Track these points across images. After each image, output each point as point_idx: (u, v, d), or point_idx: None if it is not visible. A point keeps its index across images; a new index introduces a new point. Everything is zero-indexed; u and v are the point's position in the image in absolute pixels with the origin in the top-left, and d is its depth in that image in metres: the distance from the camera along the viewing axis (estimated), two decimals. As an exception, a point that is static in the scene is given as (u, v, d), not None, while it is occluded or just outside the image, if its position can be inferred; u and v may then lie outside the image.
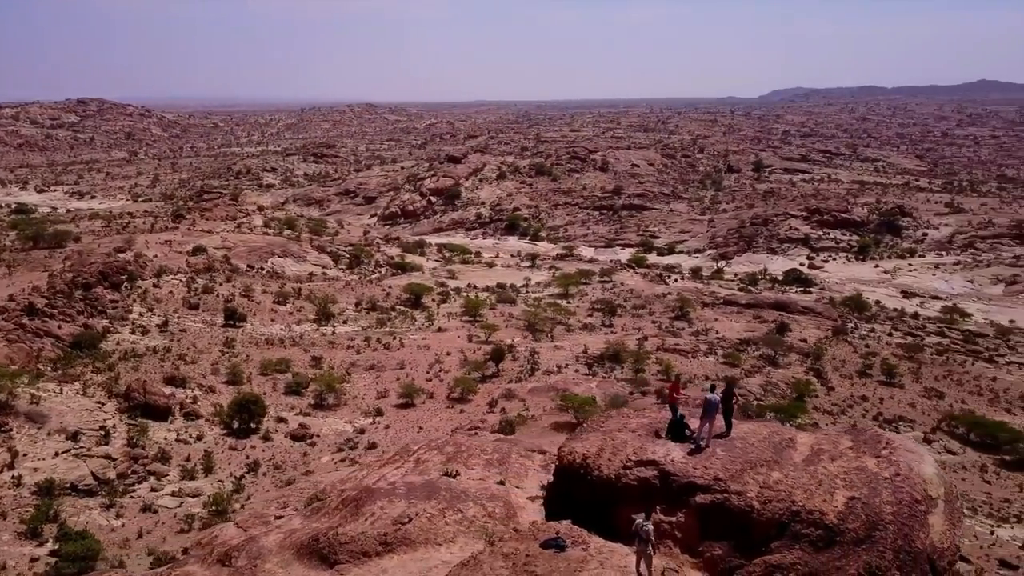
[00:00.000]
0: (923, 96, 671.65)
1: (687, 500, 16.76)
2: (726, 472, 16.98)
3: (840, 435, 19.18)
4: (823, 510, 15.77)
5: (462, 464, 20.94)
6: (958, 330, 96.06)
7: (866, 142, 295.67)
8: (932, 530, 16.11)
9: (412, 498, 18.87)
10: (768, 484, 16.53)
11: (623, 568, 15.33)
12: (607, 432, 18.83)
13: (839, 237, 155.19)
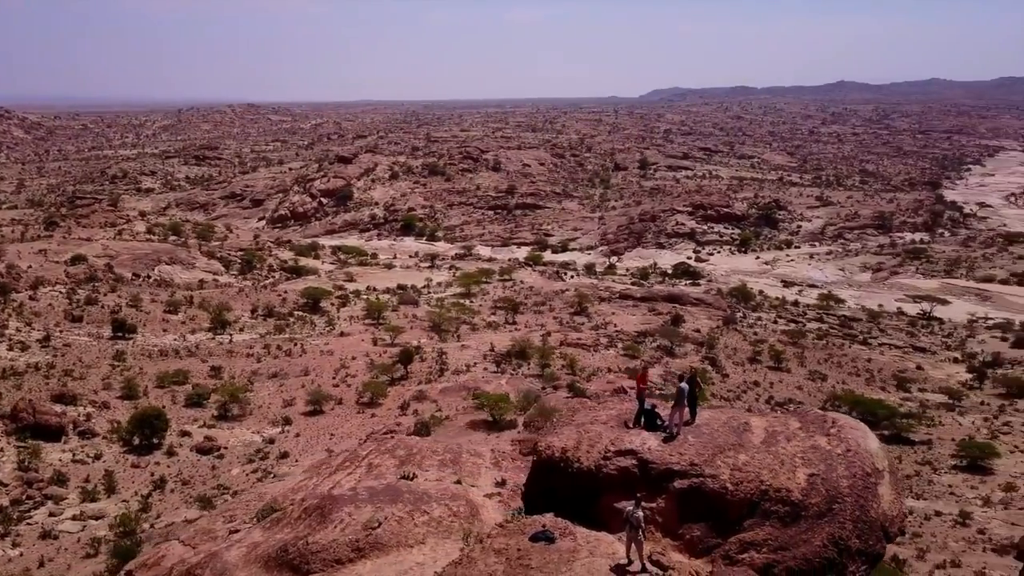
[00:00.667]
0: (790, 96, 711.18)
1: (666, 486, 17.62)
2: (700, 457, 17.98)
3: (788, 417, 20.56)
4: (788, 487, 17.01)
5: (416, 466, 21.13)
6: (835, 315, 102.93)
7: (742, 140, 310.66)
8: (882, 500, 17.68)
9: (377, 503, 18.94)
10: (738, 466, 17.63)
11: (612, 555, 16.04)
12: (580, 425, 19.45)
13: (722, 231, 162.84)
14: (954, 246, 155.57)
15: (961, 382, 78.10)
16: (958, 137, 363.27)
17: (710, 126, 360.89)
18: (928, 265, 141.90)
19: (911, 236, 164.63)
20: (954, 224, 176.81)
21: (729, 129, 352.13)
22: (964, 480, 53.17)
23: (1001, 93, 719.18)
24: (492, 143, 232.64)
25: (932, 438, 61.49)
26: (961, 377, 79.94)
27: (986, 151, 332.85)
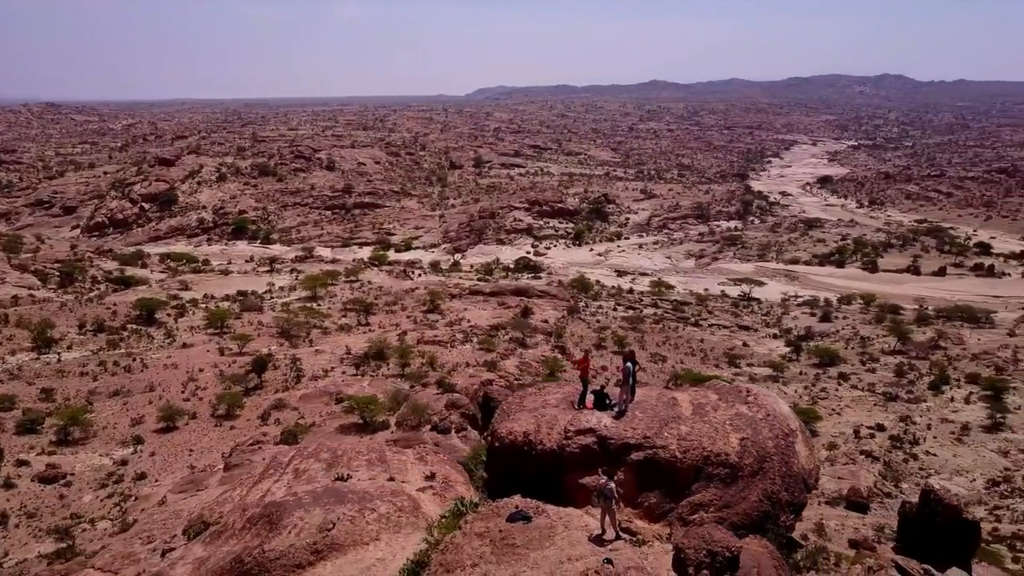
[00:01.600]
0: (608, 95, 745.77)
1: (624, 459, 18.86)
2: (650, 430, 19.36)
3: (706, 391, 22.41)
4: (726, 452, 18.84)
5: (346, 467, 21.08)
6: (668, 301, 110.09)
7: (568, 137, 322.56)
8: (800, 456, 19.93)
9: (324, 505, 18.83)
10: (682, 436, 19.21)
11: (585, 527, 17.06)
12: (533, 411, 20.24)
13: (557, 225, 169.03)
14: (764, 232, 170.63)
15: (781, 355, 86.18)
16: (759, 132, 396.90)
17: (537, 124, 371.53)
18: (743, 250, 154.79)
19: (727, 224, 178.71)
20: (762, 212, 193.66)
21: (555, 127, 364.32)
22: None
23: (791, 92, 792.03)
24: (324, 142, 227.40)
25: (762, 407, 67.71)
26: (781, 351, 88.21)
27: (783, 145, 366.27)
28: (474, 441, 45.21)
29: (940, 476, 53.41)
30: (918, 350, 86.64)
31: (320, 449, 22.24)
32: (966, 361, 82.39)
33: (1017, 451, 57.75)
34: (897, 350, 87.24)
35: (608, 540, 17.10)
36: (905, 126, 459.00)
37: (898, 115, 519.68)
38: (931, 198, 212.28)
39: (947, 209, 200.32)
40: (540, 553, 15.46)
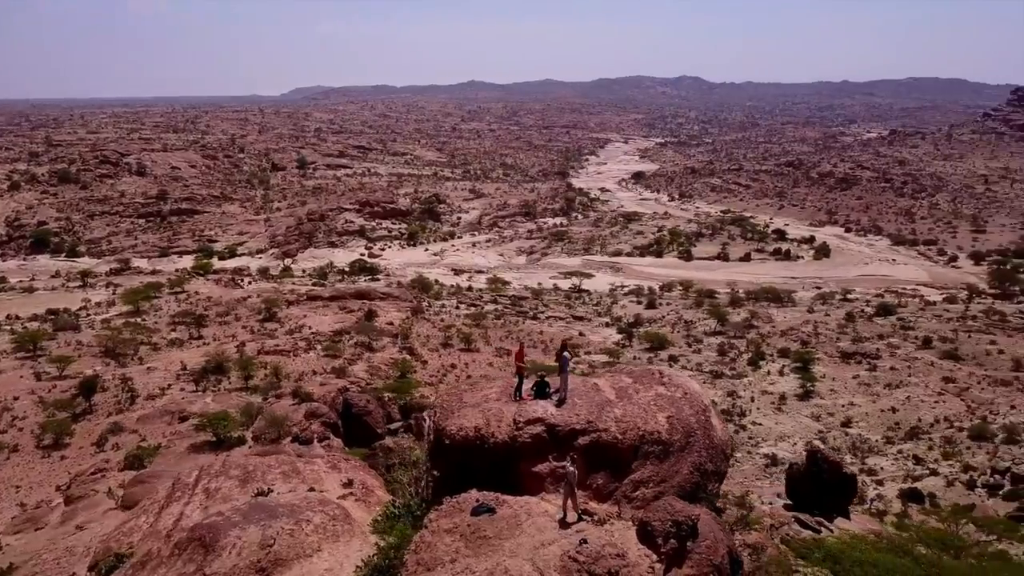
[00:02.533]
0: (428, 95, 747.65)
1: (572, 444, 19.49)
2: (592, 415, 20.06)
3: (620, 375, 23.51)
4: (658, 430, 20.02)
5: (261, 482, 20.18)
6: (506, 296, 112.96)
7: (392, 137, 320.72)
8: (717, 429, 21.52)
9: (257, 522, 17.95)
10: (619, 419, 20.10)
11: (546, 513, 17.55)
12: (476, 406, 20.33)
13: (390, 226, 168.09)
14: (588, 227, 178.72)
15: (615, 342, 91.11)
16: (575, 131, 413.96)
17: (360, 124, 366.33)
18: (570, 245, 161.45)
19: (553, 221, 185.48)
20: (585, 208, 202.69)
21: (378, 127, 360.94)
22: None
23: (600, 92, 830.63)
24: (132, 145, 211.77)
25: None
26: (615, 338, 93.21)
27: (598, 143, 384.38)
28: (338, 449, 44.73)
29: (767, 443, 59.14)
30: (735, 330, 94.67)
31: (228, 466, 21.38)
32: (776, 337, 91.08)
33: (827, 415, 65.01)
34: (717, 331, 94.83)
35: (571, 523, 17.80)
36: (704, 124, 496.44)
37: (697, 114, 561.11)
38: (732, 190, 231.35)
39: (747, 200, 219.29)
40: (513, 542, 16.00)
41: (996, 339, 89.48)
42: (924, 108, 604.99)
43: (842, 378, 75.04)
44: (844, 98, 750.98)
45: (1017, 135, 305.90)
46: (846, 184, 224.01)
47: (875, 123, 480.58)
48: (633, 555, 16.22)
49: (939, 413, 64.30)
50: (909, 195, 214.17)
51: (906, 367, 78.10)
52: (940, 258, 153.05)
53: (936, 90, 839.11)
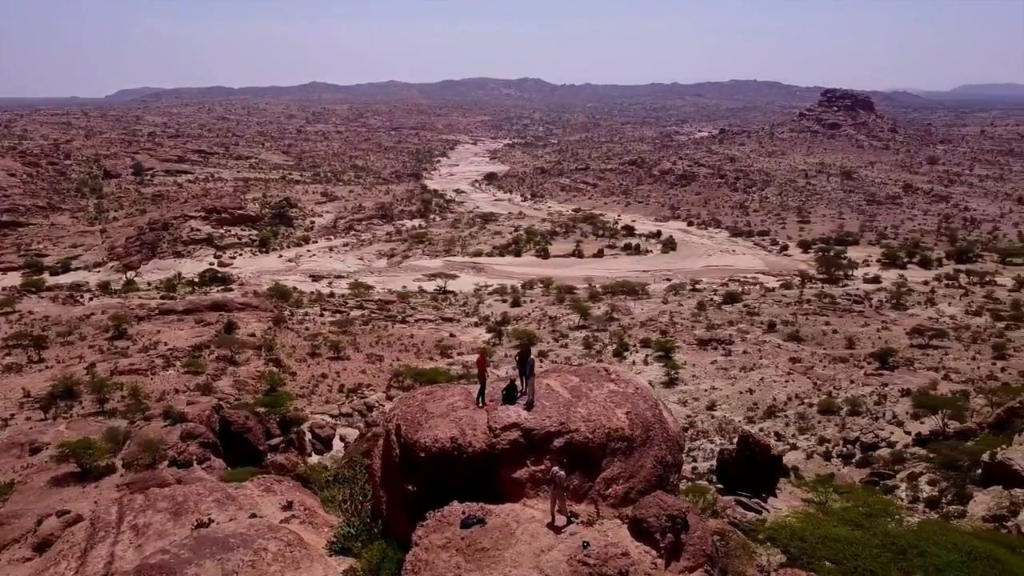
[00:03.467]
0: (268, 96, 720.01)
1: (548, 447, 19.16)
2: (562, 417, 19.67)
3: (566, 374, 23.29)
4: (621, 427, 20.06)
5: (196, 512, 18.46)
6: (372, 301, 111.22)
7: (234, 141, 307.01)
8: (669, 421, 21.85)
9: (211, 556, 16.35)
10: (586, 418, 19.84)
11: (533, 519, 17.17)
12: (445, 416, 19.39)
13: (240, 233, 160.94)
14: (447, 228, 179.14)
15: (485, 341, 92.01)
16: (424, 133, 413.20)
17: (197, 127, 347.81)
18: (431, 247, 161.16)
19: (411, 223, 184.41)
20: (441, 209, 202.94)
21: (217, 130, 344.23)
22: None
23: (446, 94, 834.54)
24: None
25: (482, 392, 72.05)
26: (485, 337, 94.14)
27: (447, 145, 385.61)
28: (220, 470, 42.56)
29: (641, 429, 61.76)
30: (598, 323, 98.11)
31: (154, 499, 19.60)
32: (637, 328, 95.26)
33: (692, 400, 68.76)
34: (581, 325, 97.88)
35: (561, 526, 17.69)
36: (549, 125, 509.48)
37: (542, 115, 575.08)
38: (581, 189, 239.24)
39: (595, 198, 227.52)
40: (512, 551, 15.74)
41: (829, 320, 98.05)
42: (747, 108, 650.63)
43: (701, 364, 79.65)
44: (675, 99, 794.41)
45: (828, 132, 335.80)
46: (685, 181, 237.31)
47: (705, 123, 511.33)
48: (634, 553, 16.49)
49: (790, 391, 69.63)
50: (742, 190, 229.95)
51: (757, 350, 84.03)
52: (773, 247, 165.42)
53: (755, 92, 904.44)
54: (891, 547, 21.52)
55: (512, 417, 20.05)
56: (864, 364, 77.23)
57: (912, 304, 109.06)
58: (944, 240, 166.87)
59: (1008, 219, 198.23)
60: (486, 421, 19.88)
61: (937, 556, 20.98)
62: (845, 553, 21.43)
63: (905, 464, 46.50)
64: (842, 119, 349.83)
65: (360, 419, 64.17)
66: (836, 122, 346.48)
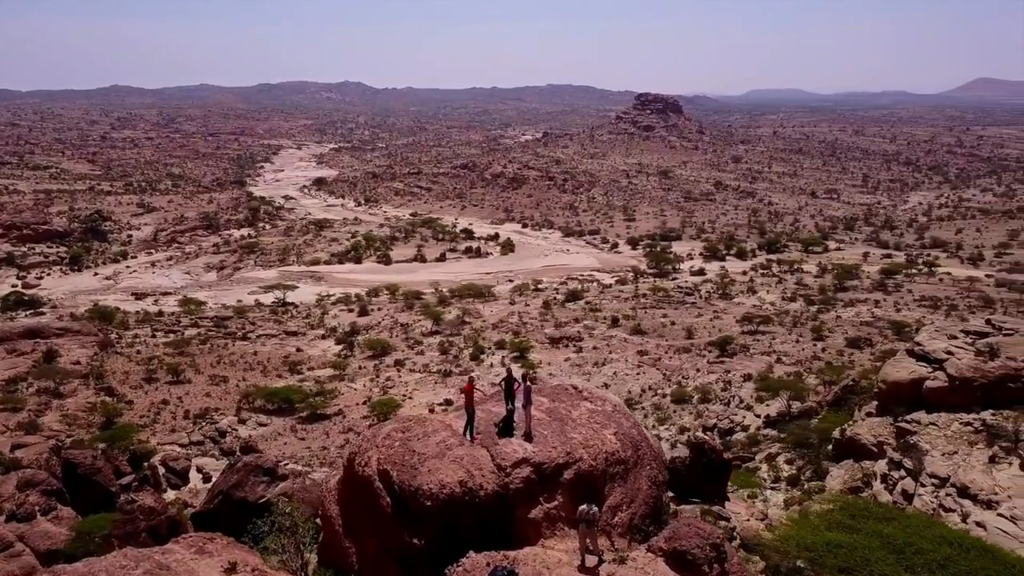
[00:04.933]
0: (63, 100, 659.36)
1: (558, 481, 17.63)
2: (564, 445, 18.29)
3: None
4: (615, 450, 18.98)
5: None
6: (207, 318, 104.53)
7: (28, 149, 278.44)
8: (649, 436, 21.02)
9: None
10: (584, 444, 18.30)
11: (560, 562, 16.00)
12: (441, 456, 17.11)
13: (46, 250, 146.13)
14: (279, 237, 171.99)
15: (336, 354, 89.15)
16: (244, 138, 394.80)
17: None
18: (264, 257, 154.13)
19: (239, 232, 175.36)
20: (271, 217, 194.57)
21: (7, 137, 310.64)
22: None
23: (263, 97, 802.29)
24: None
25: (341, 407, 69.81)
26: (334, 350, 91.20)
27: (270, 150, 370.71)
28: (70, 520, 38.20)
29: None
30: (451, 328, 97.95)
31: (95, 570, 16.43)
32: (490, 331, 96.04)
33: (553, 397, 70.12)
34: (434, 331, 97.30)
35: (592, 567, 16.57)
36: (374, 129, 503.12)
37: (366, 119, 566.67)
38: (415, 193, 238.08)
39: (430, 202, 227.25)
40: None
41: (667, 312, 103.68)
42: (565, 112, 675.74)
43: (556, 362, 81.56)
44: (497, 103, 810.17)
45: (643, 134, 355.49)
46: (517, 183, 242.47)
47: (527, 126, 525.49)
48: (684, 589, 15.53)
49: (643, 383, 72.89)
50: (570, 191, 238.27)
51: (606, 345, 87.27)
52: (605, 245, 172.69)
53: (572, 96, 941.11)
54: (889, 547, 21.55)
55: (519, 452, 18.55)
56: (705, 353, 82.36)
57: (736, 293, 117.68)
58: (755, 232, 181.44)
59: (805, 211, 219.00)
60: (490, 459, 18.27)
61: (933, 552, 21.26)
62: (854, 559, 21.09)
63: (760, 446, 49.93)
64: (655, 122, 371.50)
65: (214, 446, 60.18)
66: (650, 124, 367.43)
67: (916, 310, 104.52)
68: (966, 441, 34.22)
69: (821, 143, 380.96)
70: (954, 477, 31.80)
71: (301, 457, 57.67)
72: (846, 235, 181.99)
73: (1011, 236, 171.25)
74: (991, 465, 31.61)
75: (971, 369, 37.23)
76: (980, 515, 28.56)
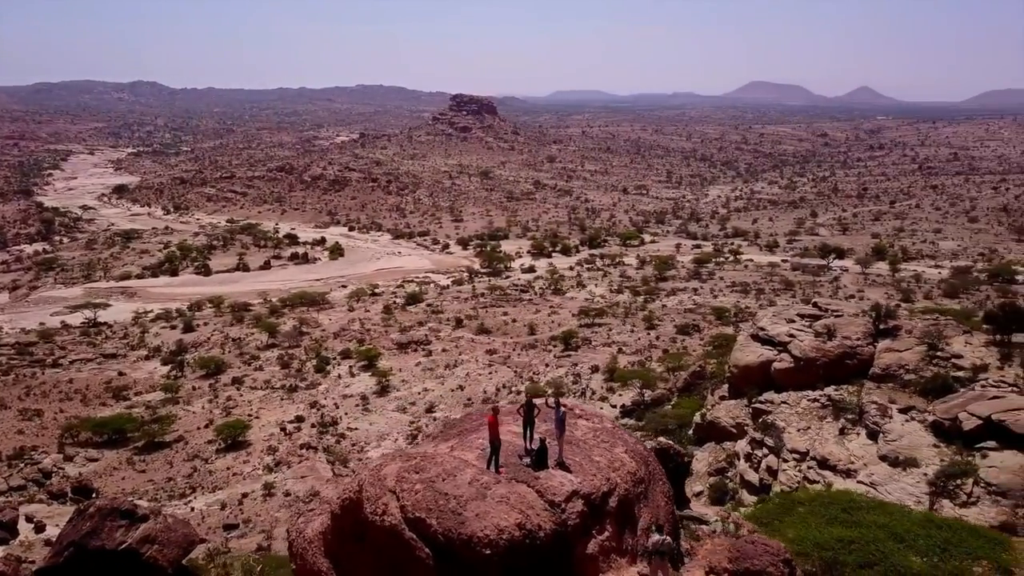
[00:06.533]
0: None
1: (605, 510, 16.61)
2: (602, 472, 17.26)
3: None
4: (633, 469, 18.14)
5: None
6: (7, 345, 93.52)
7: None
8: (647, 448, 20.27)
9: None
10: (611, 467, 17.50)
11: None
12: (481, 497, 14.36)
13: None
14: (81, 251, 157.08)
15: (165, 375, 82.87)
16: (25, 143, 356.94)
17: None
18: (65, 273, 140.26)
19: (32, 247, 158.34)
20: (69, 229, 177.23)
21: None
22: (236, 458, 58.92)
23: (43, 98, 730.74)
24: None
25: (181, 433, 65.00)
26: (162, 371, 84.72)
27: (58, 155, 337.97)
28: None
29: (371, 446, 60.82)
30: (288, 340, 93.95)
31: None
32: (332, 340, 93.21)
33: (410, 405, 69.37)
34: (271, 344, 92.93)
35: None
36: (176, 132, 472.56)
37: (166, 121, 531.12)
38: (230, 199, 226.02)
39: (247, 207, 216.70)
40: None
41: (507, 310, 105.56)
42: (378, 113, 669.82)
43: (407, 367, 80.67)
44: (306, 103, 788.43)
45: (461, 135, 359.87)
46: (339, 185, 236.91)
47: (341, 127, 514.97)
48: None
49: (497, 382, 73.82)
50: (395, 192, 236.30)
51: (454, 347, 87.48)
52: (436, 246, 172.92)
53: (384, 96, 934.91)
54: (894, 537, 22.04)
55: (567, 485, 17.27)
56: (551, 347, 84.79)
57: (568, 288, 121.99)
58: (576, 229, 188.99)
59: (619, 207, 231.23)
60: (536, 495, 16.88)
61: (930, 537, 22.11)
62: (870, 552, 21.36)
63: (623, 434, 52.19)
64: (471, 123, 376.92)
65: (40, 490, 53.95)
66: (467, 125, 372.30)
67: (730, 295, 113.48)
68: (816, 416, 37.68)
69: (626, 142, 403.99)
70: (812, 450, 34.93)
71: (145, 492, 53.16)
72: (658, 228, 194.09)
73: (798, 224, 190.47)
74: (842, 437, 35.03)
75: (813, 349, 41.04)
76: (842, 484, 31.58)
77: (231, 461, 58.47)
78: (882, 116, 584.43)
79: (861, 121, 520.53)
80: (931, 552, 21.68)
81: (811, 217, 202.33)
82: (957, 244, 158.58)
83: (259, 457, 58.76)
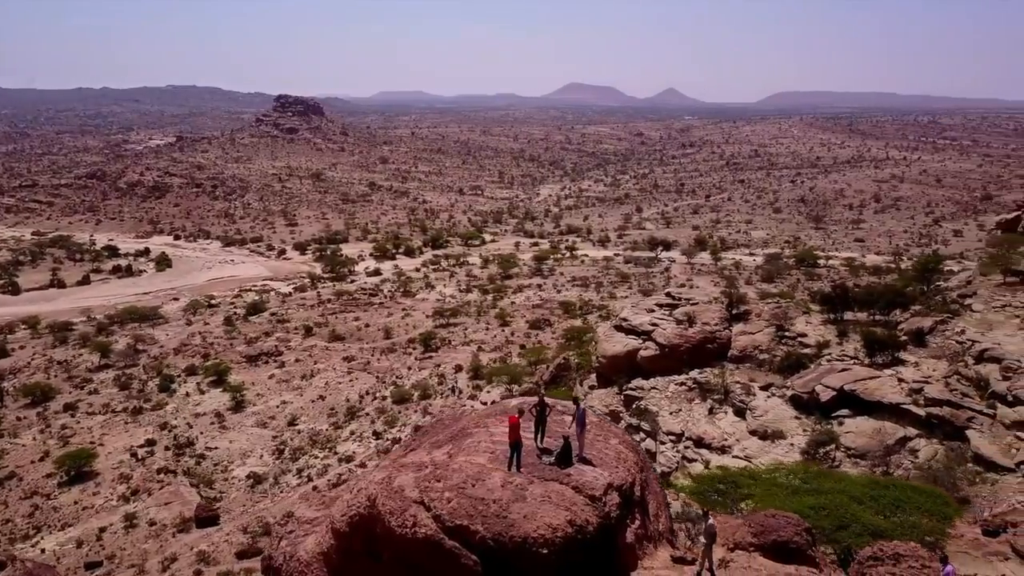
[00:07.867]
0: None
1: (634, 499, 16.69)
2: (620, 464, 17.15)
3: None
4: (636, 459, 18.82)
5: None
6: None
7: None
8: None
9: None
10: (620, 458, 17.66)
11: None
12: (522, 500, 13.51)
13: None
14: None
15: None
16: None
17: None
18: None
19: None
20: None
21: None
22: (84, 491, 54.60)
23: None
24: None
25: (12, 469, 59.34)
26: (-23, 402, 76.48)
27: None
28: None
29: (235, 464, 58.36)
30: (124, 360, 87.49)
31: None
32: (173, 357, 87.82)
33: (270, 419, 67.09)
34: (104, 365, 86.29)
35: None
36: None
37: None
38: (33, 209, 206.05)
39: (56, 218, 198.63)
40: None
41: (358, 315, 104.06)
42: (193, 115, 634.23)
43: (261, 381, 77.76)
44: (111, 105, 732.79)
45: (288, 137, 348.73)
46: (159, 192, 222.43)
47: (153, 130, 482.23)
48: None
49: (359, 389, 72.88)
50: (222, 198, 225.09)
51: (308, 356, 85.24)
52: (271, 252, 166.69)
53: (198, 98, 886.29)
54: (855, 500, 23.55)
55: (600, 479, 17.61)
56: (411, 350, 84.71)
57: (417, 290, 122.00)
58: (417, 230, 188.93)
59: (457, 207, 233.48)
60: (572, 491, 16.99)
61: (882, 497, 23.82)
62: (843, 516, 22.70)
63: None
64: (298, 124, 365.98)
65: None
66: (293, 127, 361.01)
67: (572, 289, 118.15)
68: (685, 399, 40.72)
69: (456, 143, 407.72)
70: (687, 431, 37.78)
71: (-19, 536, 48.20)
72: (496, 227, 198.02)
73: (625, 220, 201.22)
74: (712, 416, 38.14)
75: (676, 336, 44.21)
76: (718, 460, 34.48)
77: (78, 494, 54.18)
78: (689, 116, 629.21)
79: (671, 121, 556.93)
80: (887, 510, 23.80)
81: (637, 212, 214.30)
82: (766, 233, 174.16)
83: (111, 487, 54.86)
